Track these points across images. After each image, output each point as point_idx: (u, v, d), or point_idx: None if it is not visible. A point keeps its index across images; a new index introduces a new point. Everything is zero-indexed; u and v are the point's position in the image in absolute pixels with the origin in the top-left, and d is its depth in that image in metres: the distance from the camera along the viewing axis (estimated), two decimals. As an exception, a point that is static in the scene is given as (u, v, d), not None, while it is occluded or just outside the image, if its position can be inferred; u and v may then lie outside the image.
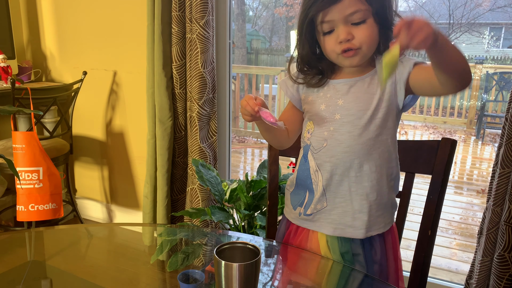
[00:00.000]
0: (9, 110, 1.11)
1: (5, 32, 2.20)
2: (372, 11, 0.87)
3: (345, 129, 0.93)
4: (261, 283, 0.92)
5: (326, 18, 0.88)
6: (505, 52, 7.92)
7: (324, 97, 0.97)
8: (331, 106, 0.95)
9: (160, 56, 1.85)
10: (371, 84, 0.94)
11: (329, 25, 0.89)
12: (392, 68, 0.72)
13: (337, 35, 0.88)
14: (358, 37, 0.88)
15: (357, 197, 0.94)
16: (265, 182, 1.61)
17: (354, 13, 0.86)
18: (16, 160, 1.84)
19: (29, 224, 2.00)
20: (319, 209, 0.97)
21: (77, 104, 2.26)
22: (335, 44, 0.90)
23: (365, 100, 0.93)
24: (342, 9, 0.86)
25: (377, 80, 0.94)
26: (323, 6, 0.86)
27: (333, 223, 0.96)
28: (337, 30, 0.88)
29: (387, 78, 0.75)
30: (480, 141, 5.26)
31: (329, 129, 0.95)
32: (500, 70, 5.58)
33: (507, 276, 1.44)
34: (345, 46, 0.88)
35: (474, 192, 3.72)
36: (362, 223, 0.94)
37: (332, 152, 0.94)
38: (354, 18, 0.86)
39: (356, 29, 0.88)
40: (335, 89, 0.96)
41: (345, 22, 0.87)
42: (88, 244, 1.32)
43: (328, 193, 0.96)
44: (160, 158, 1.95)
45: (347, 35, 0.87)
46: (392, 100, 0.92)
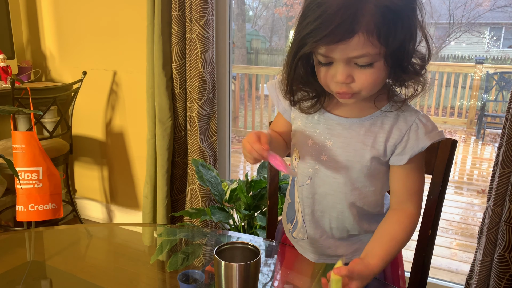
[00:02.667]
0: (9, 110, 1.11)
1: (5, 32, 2.20)
2: (385, 53, 0.70)
3: (330, 173, 0.85)
4: (261, 283, 0.92)
5: (324, 52, 0.71)
6: (505, 52, 7.92)
7: (313, 130, 0.86)
8: (319, 145, 0.85)
9: (160, 56, 1.84)
10: (369, 132, 0.81)
11: (326, 59, 0.72)
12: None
13: (334, 73, 0.73)
14: (359, 82, 0.73)
15: (338, 232, 0.91)
16: (265, 182, 1.61)
17: (361, 57, 0.70)
18: (15, 160, 1.84)
19: (29, 224, 2.00)
20: (301, 238, 0.95)
21: (77, 104, 2.26)
22: (330, 81, 0.75)
23: (356, 150, 0.82)
24: (346, 50, 0.69)
25: (378, 130, 0.81)
26: (322, 42, 0.68)
27: (316, 253, 0.95)
28: (336, 67, 0.72)
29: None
30: (480, 141, 5.25)
31: (314, 167, 0.86)
32: (500, 70, 5.57)
33: (507, 276, 1.44)
34: (341, 90, 0.74)
35: (474, 192, 3.72)
36: (345, 250, 0.93)
37: (314, 191, 0.88)
38: (359, 61, 0.70)
39: (359, 72, 0.72)
40: (326, 124, 0.84)
41: (347, 62, 0.71)
42: (88, 244, 1.31)
43: (308, 227, 0.92)
44: (160, 158, 1.95)
45: (345, 78, 0.72)
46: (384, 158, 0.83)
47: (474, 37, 7.99)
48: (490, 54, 7.90)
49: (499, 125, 5.15)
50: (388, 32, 0.68)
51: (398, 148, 0.81)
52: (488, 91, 5.46)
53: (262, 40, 8.89)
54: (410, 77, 0.75)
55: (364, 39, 0.67)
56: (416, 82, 0.76)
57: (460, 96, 5.80)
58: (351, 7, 0.66)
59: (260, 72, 5.60)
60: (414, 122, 0.80)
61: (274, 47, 8.68)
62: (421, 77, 0.75)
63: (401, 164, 0.81)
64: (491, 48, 8.14)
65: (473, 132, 5.50)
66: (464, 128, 5.63)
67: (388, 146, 0.81)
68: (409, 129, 0.80)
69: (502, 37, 8.17)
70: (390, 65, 0.72)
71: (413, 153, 0.79)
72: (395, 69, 0.74)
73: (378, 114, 0.82)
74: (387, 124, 0.81)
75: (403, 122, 0.81)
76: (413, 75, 0.75)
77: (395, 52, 0.70)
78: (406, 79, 0.76)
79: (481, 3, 7.66)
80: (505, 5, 7.60)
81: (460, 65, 6.41)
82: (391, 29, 0.68)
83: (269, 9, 8.72)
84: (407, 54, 0.72)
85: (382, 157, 0.82)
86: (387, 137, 0.81)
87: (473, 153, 4.99)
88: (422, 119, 0.80)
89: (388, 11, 0.67)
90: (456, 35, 7.98)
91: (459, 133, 5.58)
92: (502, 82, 5.41)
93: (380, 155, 0.82)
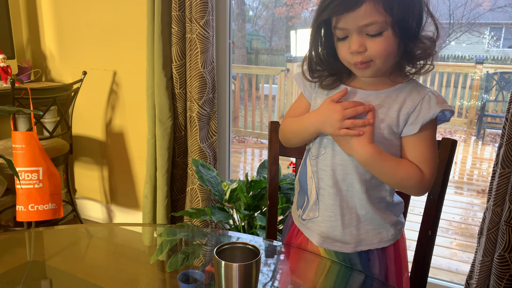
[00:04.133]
0: (9, 110, 1.11)
1: (5, 32, 2.20)
2: (391, 22, 0.79)
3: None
4: (261, 283, 0.92)
5: (339, 24, 0.81)
6: (505, 52, 7.92)
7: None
8: None
9: (160, 56, 1.84)
10: (383, 105, 0.87)
11: (342, 32, 0.82)
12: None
13: (349, 44, 0.83)
14: (371, 50, 0.81)
15: (347, 211, 0.93)
16: (265, 182, 1.61)
17: (370, 25, 0.78)
18: (16, 160, 1.84)
19: (29, 224, 2.00)
20: (311, 217, 0.97)
21: (77, 104, 2.26)
22: (347, 53, 0.84)
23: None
24: (357, 19, 0.79)
25: (392, 101, 0.87)
26: (336, 11, 0.79)
27: (322, 235, 0.96)
28: (350, 38, 0.82)
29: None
30: (480, 141, 5.26)
31: (329, 137, 0.92)
32: (500, 70, 5.58)
33: (507, 276, 1.44)
34: (356, 59, 0.83)
35: (474, 192, 3.72)
36: (350, 238, 0.93)
37: (328, 161, 0.92)
38: (369, 30, 0.79)
39: (371, 41, 0.80)
40: (344, 98, 0.91)
41: (359, 32, 0.80)
42: (88, 244, 1.31)
43: (320, 203, 0.95)
44: (160, 158, 1.95)
45: (359, 47, 0.81)
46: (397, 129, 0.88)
47: (474, 37, 8.00)
48: (490, 54, 7.90)
49: (499, 125, 5.15)
50: (392, 1, 0.77)
51: (411, 117, 0.86)
52: (488, 91, 5.46)
53: (262, 40, 8.90)
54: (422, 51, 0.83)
55: (371, 7, 0.77)
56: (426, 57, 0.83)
57: (460, 96, 5.80)
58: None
59: (260, 72, 5.60)
60: (427, 94, 0.86)
61: (274, 47, 8.68)
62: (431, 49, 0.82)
63: (413, 134, 0.86)
64: (491, 48, 8.14)
65: (473, 132, 5.50)
66: (464, 128, 5.63)
67: (401, 115, 0.86)
68: (422, 100, 0.86)
69: (502, 37, 8.17)
70: (398, 35, 0.80)
71: (424, 121, 0.85)
72: (403, 38, 0.81)
73: (392, 89, 0.88)
74: (401, 96, 0.87)
75: (416, 94, 0.87)
76: (423, 50, 0.82)
77: (400, 21, 0.79)
78: (419, 54, 0.83)
79: (481, 3, 7.66)
80: (505, 5, 7.61)
81: (460, 65, 6.42)
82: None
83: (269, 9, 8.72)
84: (412, 24, 0.80)
85: (395, 127, 0.87)
86: (401, 107, 0.87)
87: (473, 153, 4.99)
88: (434, 92, 0.87)
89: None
90: (456, 35, 7.98)
91: (459, 133, 5.58)
92: (502, 82, 5.41)
93: (393, 124, 0.87)
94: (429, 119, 0.84)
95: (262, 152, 4.88)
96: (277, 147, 1.20)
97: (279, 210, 1.42)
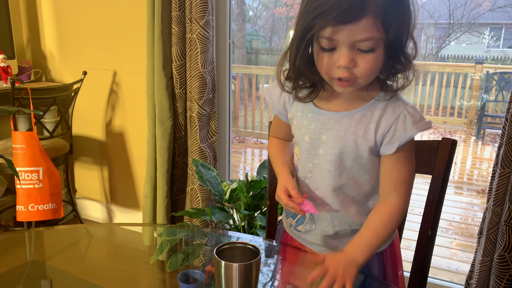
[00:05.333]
0: (9, 110, 1.11)
1: (5, 32, 2.20)
2: (385, 40, 0.73)
3: (326, 167, 0.88)
4: (261, 283, 0.92)
5: (330, 35, 0.73)
6: (505, 52, 7.92)
7: (308, 127, 0.89)
8: (315, 139, 0.88)
9: (160, 56, 1.84)
10: (359, 123, 0.84)
11: (330, 43, 0.74)
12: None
13: (337, 58, 0.75)
14: (360, 68, 0.75)
15: (343, 224, 0.92)
16: (265, 182, 1.61)
17: (365, 40, 0.72)
18: (16, 160, 1.84)
19: (29, 224, 2.00)
20: (308, 230, 0.97)
21: (77, 104, 2.26)
22: (331, 66, 0.77)
23: (349, 141, 0.85)
24: (353, 32, 0.71)
25: (368, 121, 0.84)
26: (332, 22, 0.71)
27: (320, 246, 0.96)
28: (339, 51, 0.74)
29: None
30: (480, 141, 5.26)
31: (313, 161, 0.90)
32: (500, 70, 5.57)
33: (507, 276, 1.44)
34: (343, 75, 0.76)
35: (474, 192, 3.72)
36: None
37: (315, 185, 0.91)
38: (362, 45, 0.73)
39: (361, 57, 0.74)
40: (319, 120, 0.87)
41: (351, 46, 0.73)
42: (88, 244, 1.31)
43: (315, 217, 0.94)
44: (160, 158, 1.95)
45: (349, 62, 0.74)
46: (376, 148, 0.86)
47: (474, 37, 8.00)
48: (490, 54, 7.91)
49: (499, 125, 5.15)
50: (392, 18, 0.72)
51: (386, 137, 0.83)
52: (488, 91, 5.46)
53: (262, 40, 8.90)
54: (404, 67, 0.79)
55: (371, 22, 0.70)
56: (407, 71, 0.79)
57: (460, 96, 5.80)
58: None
59: (260, 72, 5.59)
60: (402, 112, 0.82)
61: (274, 47, 8.68)
62: (412, 66, 0.79)
63: (390, 154, 0.84)
64: (491, 48, 8.15)
65: (473, 132, 5.50)
66: (464, 128, 5.63)
67: (377, 136, 0.84)
68: (397, 119, 0.82)
69: (502, 37, 8.18)
70: (387, 53, 0.76)
71: (401, 142, 0.82)
72: (389, 58, 0.77)
73: (367, 106, 0.84)
74: (376, 114, 0.84)
75: (391, 112, 0.83)
76: (405, 64, 0.79)
77: (395, 39, 0.74)
78: (399, 69, 0.79)
79: (481, 3, 7.66)
80: (505, 5, 7.61)
81: (460, 65, 6.42)
82: (394, 15, 0.72)
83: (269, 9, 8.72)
84: (403, 42, 0.76)
85: (374, 147, 0.85)
86: (376, 127, 0.83)
87: (473, 153, 4.99)
88: (409, 110, 0.82)
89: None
90: (456, 35, 7.98)
91: (459, 133, 5.58)
92: (502, 82, 5.41)
93: (372, 145, 0.84)
94: (406, 141, 0.82)
95: (262, 152, 4.88)
96: (277, 147, 1.20)
97: (279, 210, 1.42)
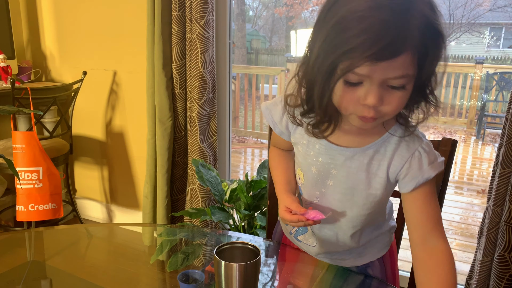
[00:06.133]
0: (9, 110, 1.11)
1: (5, 32, 2.20)
2: (416, 76, 0.66)
3: (337, 197, 0.84)
4: (261, 283, 0.92)
5: (359, 70, 0.63)
6: (505, 52, 7.93)
7: (315, 159, 0.83)
8: (323, 172, 0.83)
9: (160, 56, 1.84)
10: (373, 160, 0.79)
11: (359, 78, 0.65)
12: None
13: (363, 95, 0.66)
14: (389, 105, 0.67)
15: (345, 243, 0.90)
16: (265, 182, 1.61)
17: (399, 78, 0.64)
18: (16, 160, 1.84)
19: (29, 224, 2.00)
20: (309, 244, 0.95)
21: (77, 104, 2.26)
22: (355, 103, 0.68)
23: (361, 179, 0.80)
24: (388, 70, 0.63)
25: (382, 157, 0.78)
26: (369, 59, 0.61)
27: (321, 255, 0.95)
28: (367, 88, 0.65)
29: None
30: (480, 141, 5.26)
31: (321, 190, 0.85)
32: (500, 70, 5.58)
33: (507, 276, 1.44)
34: (368, 114, 0.68)
35: (474, 192, 3.72)
36: (350, 258, 0.94)
37: (322, 209, 0.86)
38: (395, 82, 0.65)
39: (389, 94, 0.66)
40: (328, 154, 0.81)
41: (381, 83, 0.65)
42: (88, 244, 1.31)
43: (316, 234, 0.92)
44: (160, 158, 1.95)
45: (377, 101, 0.66)
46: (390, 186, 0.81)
47: (474, 37, 8.00)
48: (490, 54, 7.91)
49: (499, 125, 5.15)
50: (431, 54, 0.65)
51: (400, 175, 0.79)
52: (488, 91, 5.46)
53: (262, 40, 8.90)
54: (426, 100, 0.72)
55: (409, 58, 0.63)
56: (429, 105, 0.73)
57: (460, 96, 5.81)
58: (404, 22, 0.61)
59: (260, 72, 5.60)
60: (417, 149, 0.77)
61: (274, 47, 8.69)
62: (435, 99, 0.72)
63: (409, 192, 0.78)
64: (491, 48, 8.15)
65: (473, 132, 5.50)
66: (464, 128, 5.63)
67: (390, 173, 0.79)
68: (412, 156, 0.77)
69: (502, 37, 8.18)
70: (418, 89, 0.69)
71: (417, 183, 0.77)
72: (416, 93, 0.70)
73: (381, 141, 0.79)
74: (390, 150, 0.79)
75: (405, 148, 0.78)
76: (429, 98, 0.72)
77: (427, 76, 0.68)
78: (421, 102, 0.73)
79: (481, 3, 7.67)
80: (505, 5, 7.61)
81: (460, 65, 6.41)
82: (432, 51, 0.65)
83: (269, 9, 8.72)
84: (433, 78, 0.69)
85: (387, 184, 0.81)
86: (389, 164, 0.79)
87: (473, 153, 4.99)
88: (425, 147, 0.77)
89: (434, 31, 0.64)
90: (456, 35, 7.98)
91: (459, 133, 5.58)
92: (502, 82, 5.41)
93: (385, 182, 0.80)
94: (423, 182, 0.76)
95: (262, 152, 4.88)
96: (277, 147, 1.20)
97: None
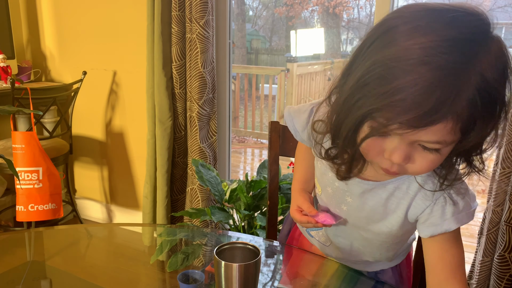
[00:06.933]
0: (9, 110, 1.11)
1: (5, 32, 2.19)
2: (458, 141, 0.57)
3: (350, 220, 0.80)
4: (261, 283, 0.91)
5: (391, 127, 0.54)
6: (505, 52, 7.92)
7: (331, 182, 0.79)
8: (338, 196, 0.79)
9: (160, 56, 1.84)
10: (392, 197, 0.72)
11: (387, 130, 0.56)
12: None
13: (390, 150, 0.58)
14: (417, 165, 0.59)
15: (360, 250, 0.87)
16: (265, 182, 1.61)
17: (434, 143, 0.55)
18: (15, 160, 1.84)
19: (29, 224, 2.00)
20: (322, 242, 0.94)
21: (76, 104, 2.26)
22: (379, 154, 0.60)
23: (378, 213, 0.75)
24: (421, 133, 0.54)
25: (403, 195, 0.72)
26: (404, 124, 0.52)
27: (333, 256, 0.94)
28: (394, 143, 0.58)
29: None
30: (480, 141, 5.25)
31: (335, 210, 0.82)
32: (500, 70, 5.57)
33: (507, 276, 1.44)
34: (391, 169, 0.61)
35: (474, 192, 3.71)
36: (362, 264, 0.92)
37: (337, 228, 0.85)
38: (427, 145, 0.56)
39: (420, 154, 0.58)
40: (345, 183, 0.75)
41: (412, 142, 0.57)
42: (88, 244, 1.31)
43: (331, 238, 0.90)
44: (160, 158, 1.95)
45: (403, 160, 0.58)
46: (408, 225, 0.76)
47: (474, 37, 7.99)
48: (490, 54, 7.89)
49: (499, 125, 5.14)
50: (479, 124, 0.55)
51: (420, 218, 0.72)
52: (488, 91, 5.45)
53: (262, 40, 8.89)
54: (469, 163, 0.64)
55: (450, 126, 0.53)
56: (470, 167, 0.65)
57: (460, 96, 5.80)
58: (452, 87, 0.51)
59: (260, 72, 5.60)
60: (442, 195, 0.69)
61: (274, 47, 8.68)
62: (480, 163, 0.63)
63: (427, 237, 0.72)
64: (491, 48, 8.14)
65: (473, 132, 5.49)
66: (464, 128, 5.62)
67: (409, 214, 0.73)
68: (435, 202, 0.69)
69: (502, 37, 8.17)
70: (456, 151, 0.60)
71: (435, 232, 0.69)
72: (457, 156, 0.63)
73: (404, 177, 0.71)
74: (412, 189, 0.71)
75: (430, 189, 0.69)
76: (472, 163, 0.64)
77: (473, 145, 0.58)
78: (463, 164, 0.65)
79: (481, 3, 7.65)
80: (505, 5, 7.61)
81: (460, 65, 6.40)
82: (482, 120, 0.54)
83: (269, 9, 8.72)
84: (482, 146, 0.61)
85: (406, 222, 0.75)
86: (409, 204, 0.72)
87: (473, 153, 4.98)
88: (453, 195, 0.69)
89: (488, 98, 0.53)
90: (456, 35, 7.97)
91: (459, 133, 5.57)
92: (502, 82, 5.41)
93: (403, 221, 0.74)
94: (441, 232, 0.69)
95: (262, 152, 4.87)
96: (277, 147, 1.20)
97: (279, 210, 1.42)
